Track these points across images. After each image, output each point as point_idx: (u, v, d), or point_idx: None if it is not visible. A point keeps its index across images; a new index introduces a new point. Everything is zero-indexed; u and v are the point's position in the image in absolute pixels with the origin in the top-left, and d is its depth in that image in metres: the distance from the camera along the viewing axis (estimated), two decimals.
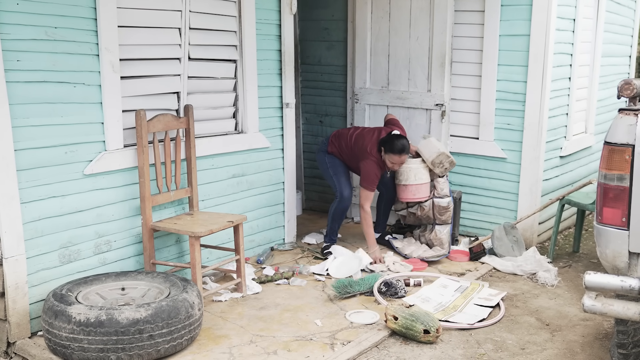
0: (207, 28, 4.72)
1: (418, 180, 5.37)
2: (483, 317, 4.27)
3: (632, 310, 3.00)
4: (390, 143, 5.12)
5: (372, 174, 5.19)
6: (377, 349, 3.86)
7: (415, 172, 5.36)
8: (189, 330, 3.67)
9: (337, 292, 4.55)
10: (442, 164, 5.37)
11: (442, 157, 5.34)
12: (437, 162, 5.35)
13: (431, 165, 5.36)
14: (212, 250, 4.91)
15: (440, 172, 5.40)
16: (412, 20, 5.84)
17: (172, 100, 4.59)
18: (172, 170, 4.51)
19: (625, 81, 3.11)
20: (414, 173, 5.37)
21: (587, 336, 4.09)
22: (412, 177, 5.37)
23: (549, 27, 5.37)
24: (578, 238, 5.78)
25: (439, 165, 5.36)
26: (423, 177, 5.39)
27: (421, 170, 5.37)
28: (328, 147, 5.51)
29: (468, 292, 4.63)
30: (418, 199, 5.43)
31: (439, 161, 5.35)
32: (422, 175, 5.38)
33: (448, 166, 5.39)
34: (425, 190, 5.41)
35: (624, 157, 3.07)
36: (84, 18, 3.92)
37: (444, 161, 5.35)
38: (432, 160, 5.35)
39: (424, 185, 5.39)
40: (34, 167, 3.77)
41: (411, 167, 5.37)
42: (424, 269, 5.15)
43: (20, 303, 3.74)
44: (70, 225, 4.00)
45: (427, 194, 5.42)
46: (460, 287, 4.72)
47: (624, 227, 3.13)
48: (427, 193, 5.42)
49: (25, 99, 3.68)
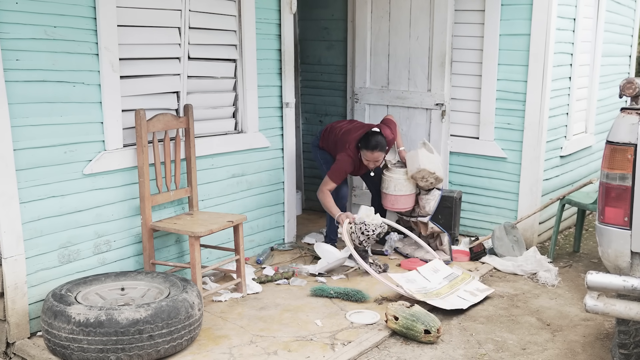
0: (206, 27, 4.70)
1: (397, 191, 5.32)
2: (462, 308, 4.32)
3: (634, 310, 2.99)
4: (365, 139, 5.06)
5: (341, 168, 5.13)
6: (378, 349, 3.85)
7: (396, 183, 5.32)
8: (189, 331, 3.66)
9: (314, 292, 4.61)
10: (424, 179, 5.27)
11: (423, 173, 5.22)
12: (418, 177, 5.26)
13: (412, 179, 5.30)
14: (212, 250, 4.90)
15: (425, 186, 5.32)
16: (412, 19, 5.83)
17: (172, 99, 4.58)
18: (171, 170, 4.49)
19: (628, 80, 3.10)
20: (394, 184, 5.32)
21: (588, 336, 4.08)
22: (391, 187, 5.34)
23: (549, 26, 5.36)
24: (578, 238, 5.77)
25: (422, 179, 5.28)
26: (403, 189, 5.32)
27: (402, 182, 5.31)
28: (320, 142, 5.49)
29: (456, 282, 4.66)
30: (397, 209, 5.42)
31: (421, 176, 5.25)
32: (403, 187, 5.32)
33: (434, 181, 5.29)
34: (405, 202, 5.36)
35: (626, 156, 3.06)
36: (83, 17, 3.90)
37: (427, 177, 5.24)
38: (411, 174, 5.27)
39: (403, 197, 5.33)
40: (33, 167, 3.75)
41: (392, 177, 5.32)
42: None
43: (20, 303, 3.73)
44: (70, 225, 3.98)
45: (407, 206, 5.38)
46: (451, 274, 4.75)
47: (626, 226, 3.12)
48: (407, 205, 5.37)
49: (25, 98, 3.67)
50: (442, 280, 4.67)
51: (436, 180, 5.28)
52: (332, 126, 5.47)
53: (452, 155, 5.95)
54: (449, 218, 5.52)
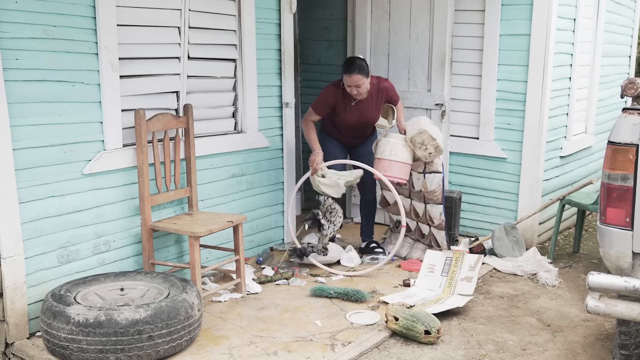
0: (206, 27, 4.69)
1: (393, 156, 4.94)
2: (459, 305, 4.32)
3: (636, 311, 2.98)
4: (345, 63, 4.92)
5: (322, 97, 5.08)
6: (378, 350, 3.84)
7: (392, 147, 4.95)
8: (189, 331, 3.65)
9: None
10: (423, 145, 4.89)
11: (423, 137, 4.84)
12: (417, 142, 4.88)
13: (411, 143, 4.94)
14: (212, 251, 4.89)
15: (422, 155, 4.95)
16: (412, 19, 5.82)
17: (172, 99, 4.57)
18: (171, 170, 4.48)
19: (630, 80, 3.09)
20: (390, 147, 4.95)
21: (589, 337, 4.08)
22: (387, 151, 4.97)
23: (549, 26, 5.36)
24: (578, 238, 5.76)
25: (420, 146, 4.89)
26: (400, 155, 4.94)
27: (399, 146, 4.95)
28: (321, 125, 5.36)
29: (453, 271, 4.67)
30: (390, 177, 4.96)
31: (420, 141, 4.86)
32: (400, 152, 4.94)
33: (433, 151, 4.90)
34: (400, 170, 4.96)
35: (627, 156, 3.05)
36: (83, 16, 3.89)
37: (427, 143, 4.86)
38: (411, 137, 4.91)
39: (398, 163, 4.94)
40: (32, 167, 3.74)
41: (389, 140, 4.99)
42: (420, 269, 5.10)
43: (19, 303, 3.72)
44: (69, 225, 3.97)
45: (401, 175, 4.99)
46: (445, 263, 4.76)
47: (627, 227, 3.11)
48: (401, 174, 4.98)
49: (24, 97, 3.65)
50: (440, 279, 4.66)
51: (436, 150, 4.92)
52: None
53: (452, 155, 5.94)
54: (449, 218, 5.51)
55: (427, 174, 5.13)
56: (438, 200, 5.14)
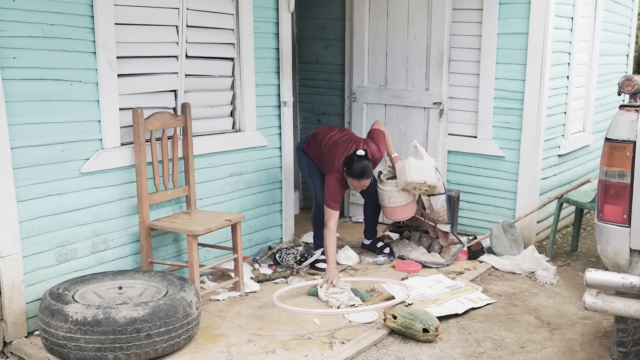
0: (204, 26, 4.69)
1: (392, 203, 5.10)
2: (457, 312, 4.27)
3: (633, 308, 2.99)
4: (350, 166, 4.72)
5: (333, 192, 4.82)
6: (376, 348, 3.84)
7: (389, 196, 5.08)
8: (187, 330, 3.65)
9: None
10: (416, 189, 5.03)
11: (413, 185, 4.95)
12: (409, 189, 5.02)
13: (404, 191, 5.06)
14: (210, 249, 4.88)
15: (420, 194, 5.12)
16: (410, 18, 5.83)
17: (170, 98, 4.57)
18: (169, 169, 4.48)
19: (627, 77, 3.10)
20: (388, 197, 5.08)
21: (587, 334, 4.08)
22: (386, 200, 5.11)
23: (547, 25, 5.36)
24: (576, 237, 5.77)
25: (413, 190, 5.03)
26: (398, 201, 5.08)
27: (395, 194, 5.06)
28: (304, 146, 5.20)
29: (459, 292, 4.60)
30: (397, 219, 5.27)
31: (412, 187, 4.99)
32: (397, 198, 5.07)
33: (428, 189, 5.02)
34: (403, 212, 5.15)
35: (625, 153, 3.05)
36: (80, 15, 3.89)
37: (418, 187, 4.98)
38: (402, 187, 5.02)
39: (399, 208, 5.12)
40: (30, 165, 3.74)
41: (385, 190, 5.08)
42: (418, 270, 5.09)
43: (17, 302, 3.71)
44: (67, 223, 3.97)
45: (406, 215, 5.18)
46: (454, 285, 4.70)
47: (625, 224, 3.11)
48: (406, 214, 5.17)
49: (22, 96, 3.65)
50: (444, 288, 4.63)
51: (430, 187, 5.01)
52: (317, 133, 5.15)
53: (450, 154, 5.95)
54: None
55: (431, 196, 5.15)
56: (444, 220, 5.21)
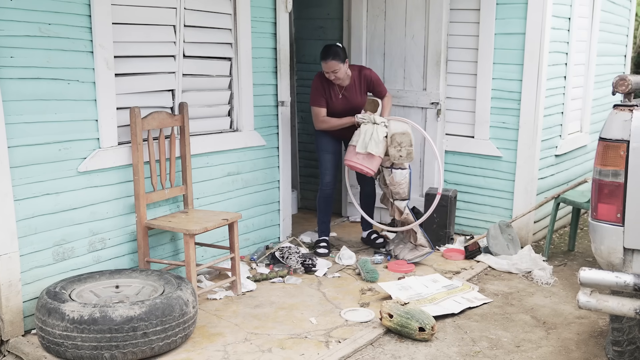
0: (202, 25, 4.70)
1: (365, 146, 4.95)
2: (454, 312, 4.28)
3: (626, 307, 3.00)
4: (322, 50, 5.11)
5: (315, 89, 5.23)
6: (372, 347, 3.85)
7: (370, 132, 4.94)
8: (183, 328, 3.66)
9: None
10: (400, 146, 4.94)
11: (404, 138, 4.91)
12: (397, 141, 4.93)
13: (390, 139, 4.95)
14: (207, 249, 4.89)
15: (392, 155, 4.98)
16: (408, 18, 5.84)
17: (167, 97, 4.58)
18: (166, 168, 4.49)
19: (620, 77, 3.10)
20: (366, 133, 4.95)
21: (582, 334, 4.09)
22: (361, 139, 4.97)
23: (544, 25, 5.37)
24: (573, 236, 5.78)
25: (397, 146, 4.94)
26: (372, 145, 4.93)
27: (376, 134, 4.93)
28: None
29: (455, 291, 4.62)
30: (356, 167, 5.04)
31: (400, 141, 4.92)
32: (374, 142, 4.93)
33: (404, 155, 4.96)
34: (369, 162, 4.98)
35: (618, 152, 3.06)
36: (78, 15, 3.90)
37: (404, 144, 4.92)
38: (392, 133, 4.94)
39: (368, 156, 4.95)
40: (27, 164, 3.75)
41: (368, 122, 5.01)
42: (410, 270, 5.07)
43: (14, 301, 3.72)
44: (64, 222, 3.98)
45: (368, 166, 5.00)
46: (451, 285, 4.71)
47: (618, 223, 3.12)
48: (369, 165, 4.99)
49: (19, 95, 3.66)
50: (440, 288, 4.64)
51: (407, 155, 4.99)
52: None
53: (448, 154, 5.96)
54: (444, 217, 5.53)
55: (394, 169, 5.14)
56: (404, 194, 5.17)
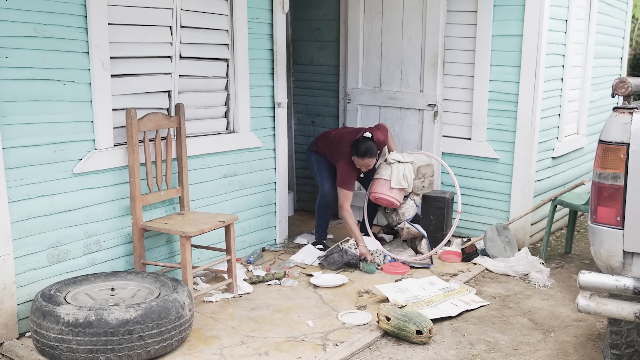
0: (198, 26, 4.68)
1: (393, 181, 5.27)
2: (451, 315, 4.26)
3: (626, 310, 2.98)
4: (356, 145, 5.11)
5: (345, 174, 5.21)
6: (370, 350, 3.83)
7: (400, 170, 5.27)
8: (180, 331, 3.63)
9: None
10: (424, 177, 5.39)
11: (427, 170, 5.39)
12: (421, 172, 5.38)
13: (416, 172, 5.36)
14: (203, 251, 4.87)
15: (416, 186, 5.38)
16: (405, 20, 5.83)
17: (163, 99, 4.55)
18: (162, 170, 4.46)
19: (620, 79, 3.09)
20: (398, 170, 5.27)
21: (580, 337, 4.08)
22: (394, 174, 5.28)
23: (541, 27, 5.37)
24: (570, 239, 5.77)
25: (421, 177, 5.38)
26: (397, 179, 5.28)
27: (406, 171, 5.29)
28: (313, 147, 5.55)
29: (452, 294, 4.60)
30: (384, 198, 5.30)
31: (424, 172, 5.36)
32: (403, 179, 5.28)
33: (427, 185, 5.44)
34: (397, 194, 5.31)
35: (618, 155, 3.05)
36: (73, 15, 3.87)
37: (427, 174, 5.37)
38: (419, 166, 5.36)
39: (395, 190, 5.28)
40: (22, 166, 3.72)
41: (398, 162, 5.32)
42: (406, 272, 5.07)
43: (8, 303, 3.69)
44: (59, 224, 3.95)
45: (394, 198, 5.30)
46: (448, 287, 4.69)
47: (618, 226, 3.11)
48: (395, 197, 5.30)
49: (14, 96, 3.63)
50: (438, 290, 4.62)
51: (429, 185, 5.48)
52: (325, 133, 5.56)
53: (445, 156, 5.95)
54: (441, 219, 5.51)
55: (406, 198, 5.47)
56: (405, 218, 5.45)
